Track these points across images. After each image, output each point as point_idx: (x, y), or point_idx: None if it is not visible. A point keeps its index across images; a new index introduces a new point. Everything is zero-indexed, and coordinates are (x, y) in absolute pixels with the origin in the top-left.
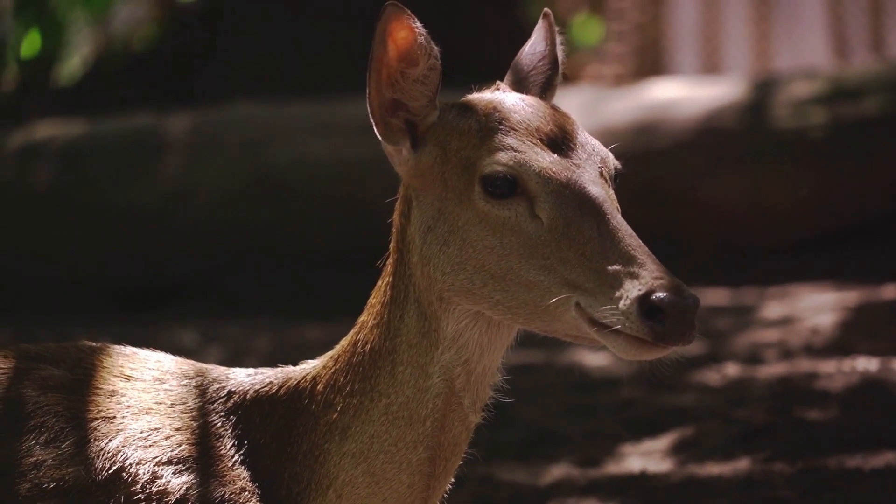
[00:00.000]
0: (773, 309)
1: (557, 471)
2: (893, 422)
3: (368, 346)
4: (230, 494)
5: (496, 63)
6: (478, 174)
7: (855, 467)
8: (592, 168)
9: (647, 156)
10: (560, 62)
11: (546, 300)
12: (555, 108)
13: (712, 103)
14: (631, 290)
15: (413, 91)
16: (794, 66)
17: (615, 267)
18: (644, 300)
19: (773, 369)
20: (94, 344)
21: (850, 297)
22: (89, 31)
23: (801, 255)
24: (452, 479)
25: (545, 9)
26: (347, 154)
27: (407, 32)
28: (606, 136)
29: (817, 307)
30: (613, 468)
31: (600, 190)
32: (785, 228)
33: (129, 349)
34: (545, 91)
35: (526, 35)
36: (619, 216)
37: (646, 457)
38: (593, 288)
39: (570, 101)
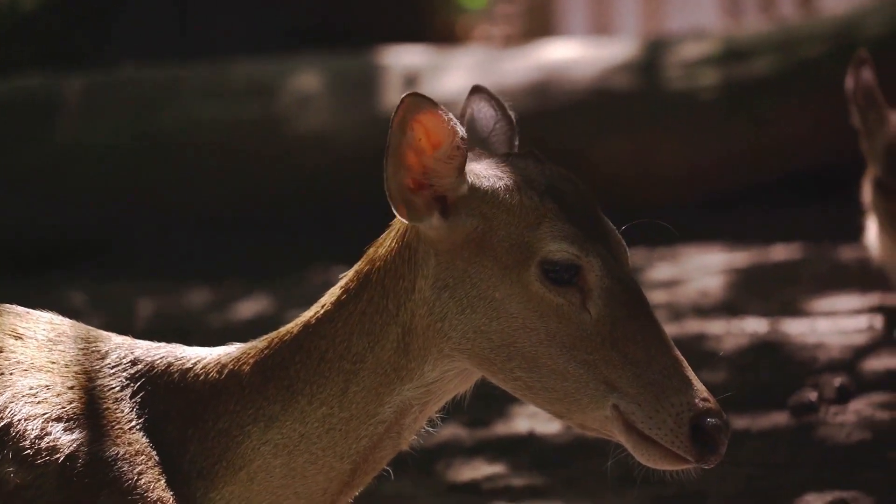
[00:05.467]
0: (661, 270)
1: (446, 431)
2: (781, 383)
3: (318, 354)
4: (125, 454)
5: (396, 25)
6: (538, 256)
7: (743, 428)
8: (626, 263)
9: (539, 117)
10: (515, 123)
11: (580, 394)
12: (586, 186)
13: (604, 64)
14: (681, 409)
15: (441, 169)
16: (685, 27)
17: (660, 377)
18: (697, 423)
19: None
20: None
21: (739, 258)
22: None
23: (691, 216)
24: None
25: (475, 84)
26: (237, 115)
27: (436, 122)
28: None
29: (706, 268)
30: (502, 428)
31: (642, 291)
32: (675, 190)
33: (21, 309)
34: (510, 150)
35: None
36: (657, 318)
37: (533, 418)
38: (635, 394)
39: (463, 62)
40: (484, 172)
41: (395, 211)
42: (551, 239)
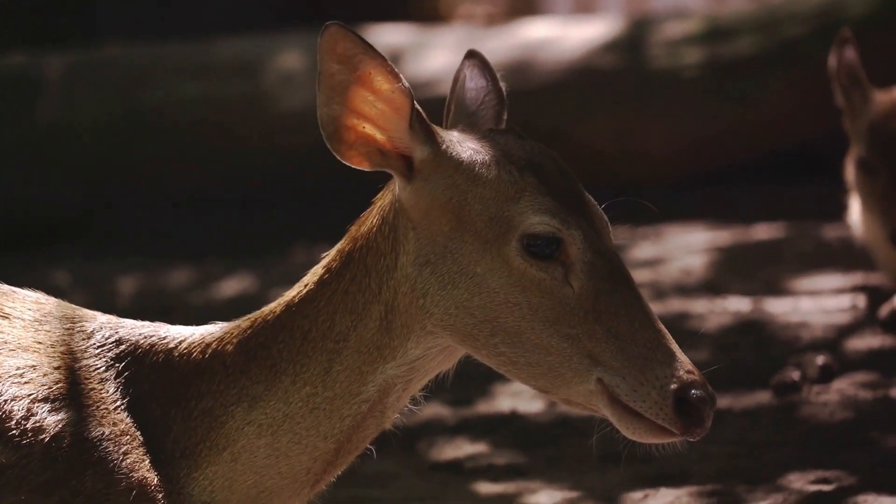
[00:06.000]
0: (644, 249)
1: (428, 410)
2: (764, 362)
3: (300, 334)
4: (110, 434)
5: (379, 3)
6: (519, 230)
7: (726, 407)
8: (609, 238)
9: (521, 95)
10: (505, 95)
11: (564, 368)
12: (565, 164)
13: (587, 43)
14: (665, 381)
15: (383, 116)
16: (668, 6)
17: (643, 350)
18: (681, 395)
19: None
20: None
21: (721, 236)
22: None
23: (674, 195)
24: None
25: (470, 49)
26: (220, 93)
27: (376, 66)
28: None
29: (689, 247)
30: (484, 407)
31: (625, 266)
32: (658, 169)
33: (6, 287)
34: (497, 124)
35: None
36: (640, 292)
37: (516, 397)
38: (619, 368)
39: (446, 40)
40: (461, 144)
41: (326, 143)
42: (532, 212)
